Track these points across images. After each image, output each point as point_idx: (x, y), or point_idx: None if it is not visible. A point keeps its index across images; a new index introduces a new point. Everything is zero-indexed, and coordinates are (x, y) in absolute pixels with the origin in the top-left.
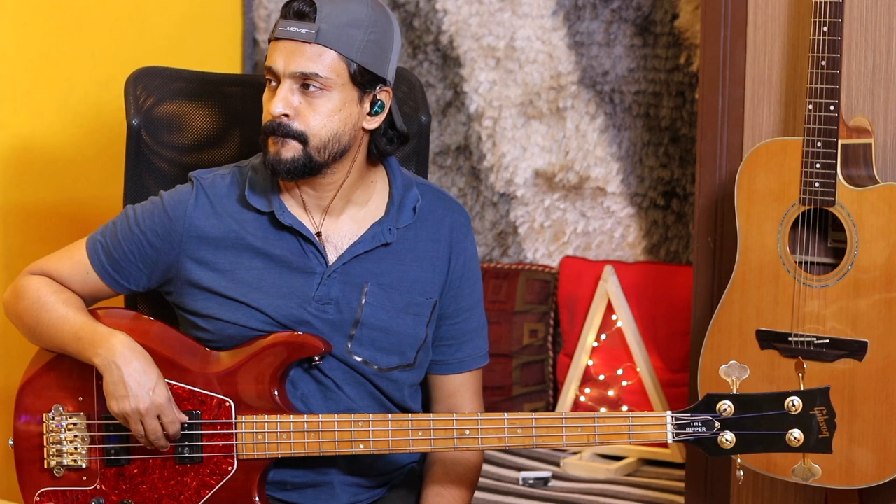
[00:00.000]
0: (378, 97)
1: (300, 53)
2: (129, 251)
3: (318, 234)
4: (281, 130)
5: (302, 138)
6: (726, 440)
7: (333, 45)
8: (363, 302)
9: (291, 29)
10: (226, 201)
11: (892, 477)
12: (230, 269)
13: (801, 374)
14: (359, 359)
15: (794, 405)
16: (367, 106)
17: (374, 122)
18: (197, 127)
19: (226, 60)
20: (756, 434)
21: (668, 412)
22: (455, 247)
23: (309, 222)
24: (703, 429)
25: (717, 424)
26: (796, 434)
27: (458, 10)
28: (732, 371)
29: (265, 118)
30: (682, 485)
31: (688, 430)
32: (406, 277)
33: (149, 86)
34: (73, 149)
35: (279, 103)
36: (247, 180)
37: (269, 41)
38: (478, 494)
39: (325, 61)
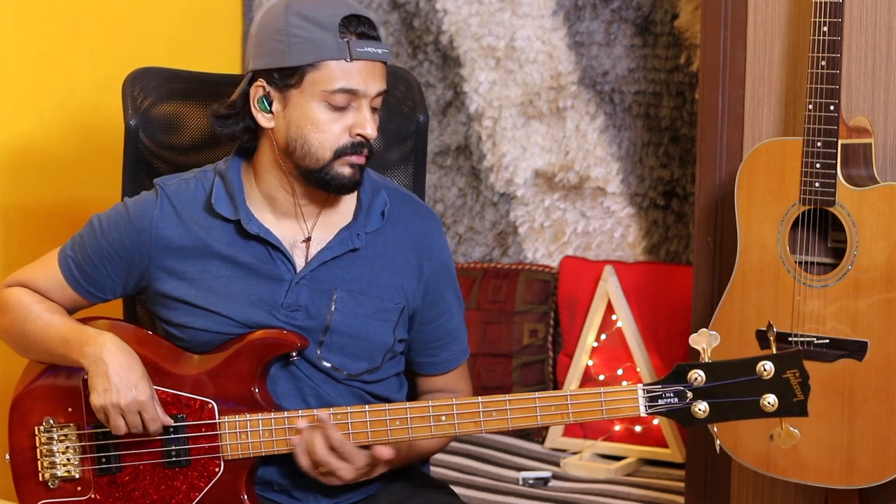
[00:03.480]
0: None
1: (379, 73)
2: (100, 265)
3: (309, 238)
4: (367, 150)
5: (371, 153)
6: (699, 410)
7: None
8: (333, 308)
9: (370, 50)
10: (191, 208)
11: (892, 477)
12: (198, 277)
13: (771, 338)
14: (328, 364)
15: (765, 370)
16: None
17: None
18: (194, 127)
19: (226, 60)
20: (729, 401)
21: (639, 385)
22: (426, 252)
23: (297, 229)
24: (676, 399)
25: (690, 394)
26: (770, 399)
27: (458, 10)
28: (702, 339)
29: (337, 140)
30: (682, 485)
31: (660, 402)
32: (376, 283)
33: (146, 86)
34: (73, 149)
35: (373, 125)
36: (213, 187)
37: (326, 61)
38: (478, 494)
39: (386, 75)
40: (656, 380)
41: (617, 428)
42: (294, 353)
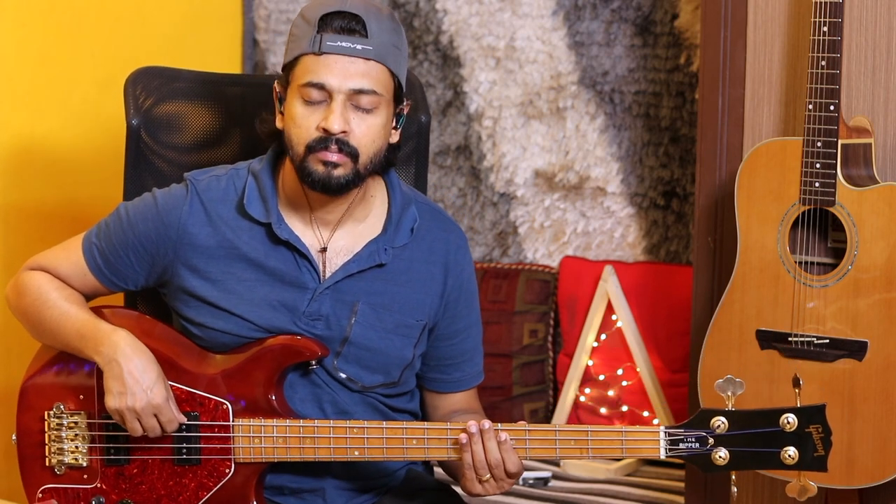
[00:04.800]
0: (402, 111)
1: (356, 69)
2: (124, 255)
3: (324, 249)
4: (336, 147)
5: (354, 155)
6: (720, 457)
7: (385, 62)
8: (353, 321)
9: (344, 44)
10: (220, 207)
11: (892, 477)
12: (222, 279)
13: (797, 391)
14: (343, 375)
15: (789, 422)
16: (393, 121)
17: (396, 136)
18: (196, 127)
19: (226, 60)
20: (750, 451)
21: (662, 427)
22: (451, 268)
23: (312, 237)
24: (697, 444)
25: (711, 441)
26: (791, 452)
27: (458, 10)
28: (728, 386)
29: (307, 135)
30: (682, 485)
31: (681, 445)
32: (398, 298)
33: (148, 86)
34: (73, 149)
35: (338, 120)
36: (245, 187)
37: (301, 56)
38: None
39: (379, 78)
40: (679, 423)
41: None
42: (314, 362)
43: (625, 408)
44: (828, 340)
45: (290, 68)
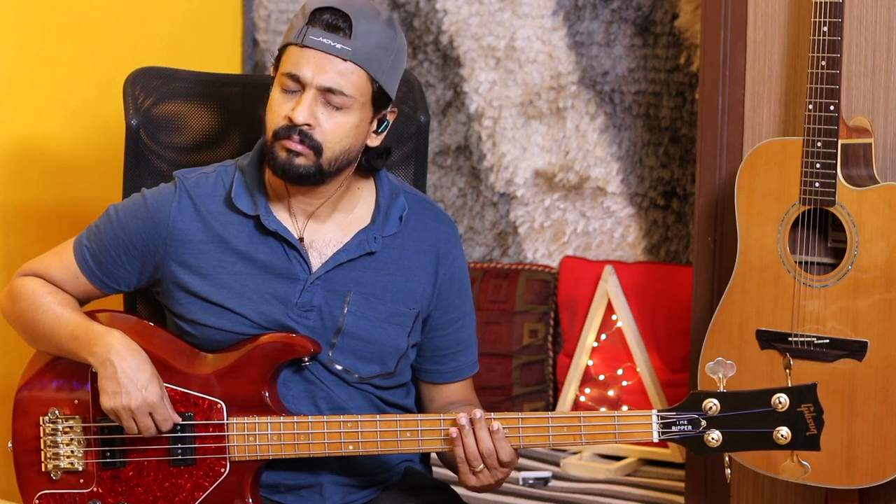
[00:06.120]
0: (386, 117)
1: (331, 67)
2: (115, 255)
3: (301, 239)
4: (299, 138)
5: (317, 149)
6: (712, 439)
7: (364, 66)
8: (345, 311)
9: (325, 41)
10: (209, 202)
11: (892, 477)
12: (213, 273)
13: (788, 371)
14: (339, 367)
15: (780, 402)
16: (374, 124)
17: (377, 140)
18: (196, 127)
19: (226, 60)
20: (743, 432)
21: (654, 411)
22: (442, 258)
23: (293, 227)
24: (689, 427)
25: (704, 423)
26: (784, 432)
27: (458, 10)
28: (718, 368)
29: (277, 122)
30: (682, 485)
31: (674, 428)
32: (390, 287)
33: (147, 86)
34: (73, 149)
35: (304, 112)
36: (233, 181)
37: (288, 45)
38: (477, 494)
39: (353, 80)
40: (671, 406)
41: None
42: (306, 359)
43: (625, 408)
44: (828, 340)
45: (279, 56)
